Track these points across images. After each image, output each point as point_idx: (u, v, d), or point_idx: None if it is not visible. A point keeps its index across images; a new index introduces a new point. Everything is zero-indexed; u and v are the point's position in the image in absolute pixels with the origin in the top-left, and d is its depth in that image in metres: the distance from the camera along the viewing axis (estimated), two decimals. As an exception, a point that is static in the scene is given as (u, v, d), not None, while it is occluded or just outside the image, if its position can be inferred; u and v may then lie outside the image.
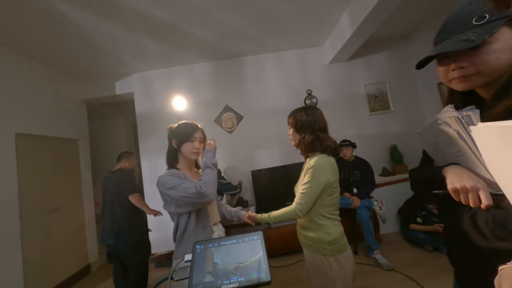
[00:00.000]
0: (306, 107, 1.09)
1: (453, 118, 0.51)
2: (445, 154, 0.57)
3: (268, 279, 0.33)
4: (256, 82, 3.14)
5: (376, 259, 2.12)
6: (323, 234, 0.96)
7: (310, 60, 3.16)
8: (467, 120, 0.49)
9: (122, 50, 2.54)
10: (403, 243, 2.47)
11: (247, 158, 3.04)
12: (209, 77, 3.13)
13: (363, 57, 3.15)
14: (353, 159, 2.53)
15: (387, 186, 2.77)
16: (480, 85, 0.52)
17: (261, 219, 1.09)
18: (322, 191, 0.96)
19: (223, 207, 1.24)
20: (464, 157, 0.52)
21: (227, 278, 0.33)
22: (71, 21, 1.96)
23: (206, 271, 0.34)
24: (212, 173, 0.99)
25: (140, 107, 3.11)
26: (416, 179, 0.70)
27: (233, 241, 0.39)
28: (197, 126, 1.11)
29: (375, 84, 3.15)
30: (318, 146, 1.00)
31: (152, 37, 2.37)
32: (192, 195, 0.92)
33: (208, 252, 0.37)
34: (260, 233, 0.40)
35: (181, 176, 0.99)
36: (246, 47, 2.91)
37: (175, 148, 1.07)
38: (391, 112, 3.13)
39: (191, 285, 0.33)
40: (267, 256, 0.36)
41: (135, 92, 3.11)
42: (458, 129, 0.51)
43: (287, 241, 2.41)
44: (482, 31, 0.45)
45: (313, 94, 3.11)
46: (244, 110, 3.10)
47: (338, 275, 0.93)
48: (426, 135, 0.62)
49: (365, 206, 2.32)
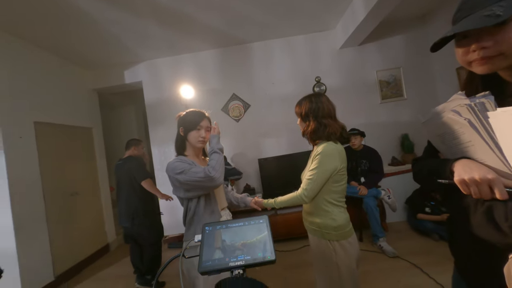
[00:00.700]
0: (311, 94, 1.08)
1: (464, 106, 0.47)
2: (453, 145, 0.54)
3: (273, 258, 0.35)
4: (263, 69, 3.07)
5: (381, 246, 2.15)
6: (329, 220, 0.98)
7: (319, 45, 3.02)
8: (481, 108, 0.45)
9: (129, 38, 2.53)
10: (409, 231, 2.47)
11: (254, 147, 3.05)
12: (216, 64, 3.09)
13: (376, 41, 2.98)
14: (361, 148, 2.48)
15: (396, 175, 2.72)
16: (503, 67, 0.47)
17: (268, 204, 1.12)
18: (329, 177, 0.96)
19: (230, 193, 1.27)
20: (475, 148, 0.49)
21: (234, 256, 0.35)
22: (80, 9, 1.95)
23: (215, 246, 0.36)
24: (219, 157, 1.01)
25: (149, 96, 3.14)
26: (420, 171, 0.68)
27: (240, 224, 0.41)
28: (204, 114, 1.12)
29: (388, 70, 3.00)
30: (321, 133, 0.99)
31: (158, 23, 2.34)
32: (201, 179, 0.94)
33: (216, 232, 0.39)
34: (266, 217, 0.41)
35: (189, 162, 1.02)
36: (253, 32, 2.82)
37: (182, 135, 1.09)
38: (404, 100, 2.99)
39: (201, 261, 0.35)
40: (272, 237, 0.37)
41: (144, 81, 3.14)
42: (469, 118, 0.47)
43: (293, 227, 2.47)
44: (510, 3, 0.39)
45: (322, 81, 3.01)
46: (251, 98, 3.07)
47: (342, 260, 0.95)
48: (432, 125, 0.58)
49: (372, 195, 2.31)
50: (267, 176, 2.82)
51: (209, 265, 0.34)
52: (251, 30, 2.75)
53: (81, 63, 2.96)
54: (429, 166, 0.63)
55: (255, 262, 0.34)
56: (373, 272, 1.84)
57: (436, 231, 2.20)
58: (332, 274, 0.97)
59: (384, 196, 2.35)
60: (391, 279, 1.75)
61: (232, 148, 3.06)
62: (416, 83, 2.98)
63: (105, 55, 2.84)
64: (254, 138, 3.06)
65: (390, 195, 2.36)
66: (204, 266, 0.34)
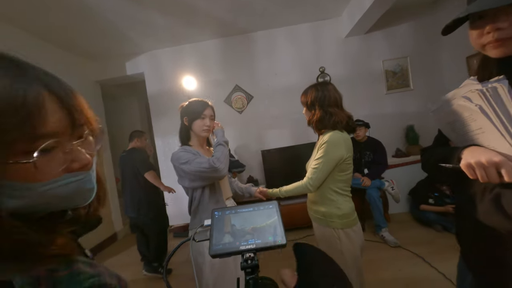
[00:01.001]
0: (317, 83, 1.06)
1: (476, 92, 0.46)
2: (463, 132, 0.52)
3: (284, 242, 0.34)
4: (266, 60, 3.00)
5: (383, 236, 2.17)
6: (334, 208, 0.98)
7: (324, 34, 2.93)
8: (493, 93, 0.43)
9: (130, 28, 2.47)
10: (411, 222, 2.48)
11: (257, 138, 3.04)
12: (218, 55, 3.03)
13: (383, 29, 2.87)
14: (365, 139, 2.46)
15: (400, 167, 2.70)
16: None
17: (272, 193, 1.12)
18: (335, 166, 0.96)
19: (234, 184, 1.28)
20: (486, 135, 0.47)
21: (245, 240, 0.35)
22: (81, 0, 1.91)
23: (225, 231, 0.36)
24: (224, 150, 1.01)
25: (151, 87, 3.11)
26: (429, 160, 0.66)
27: (249, 209, 0.41)
28: (207, 103, 1.10)
29: (395, 60, 2.91)
30: (327, 122, 0.98)
31: (159, 12, 2.27)
32: (206, 169, 0.94)
33: (226, 217, 0.39)
34: (275, 203, 0.41)
35: (194, 152, 1.02)
36: (256, 21, 2.73)
37: (187, 125, 1.08)
38: (410, 91, 2.92)
39: (212, 245, 0.35)
40: (282, 222, 0.37)
41: (146, 73, 3.10)
42: (481, 104, 0.45)
43: (296, 217, 2.50)
44: None
45: (326, 71, 2.94)
46: (254, 89, 3.02)
47: (347, 248, 0.96)
48: (442, 113, 0.57)
49: (376, 186, 2.31)
50: (270, 168, 2.82)
51: (219, 249, 0.34)
52: (253, 19, 2.67)
53: (83, 55, 2.92)
54: (438, 154, 0.62)
55: (266, 246, 0.34)
56: (375, 261, 1.87)
57: (439, 221, 2.21)
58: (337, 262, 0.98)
59: (387, 187, 2.35)
60: (392, 268, 1.77)
61: (235, 140, 3.05)
62: (423, 73, 2.90)
63: (106, 46, 2.80)
64: (257, 130, 3.04)
65: (393, 186, 2.35)
66: (215, 249, 0.34)
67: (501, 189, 0.46)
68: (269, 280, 0.35)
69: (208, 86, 3.04)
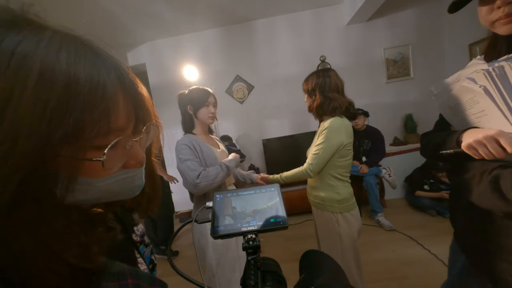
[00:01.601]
0: (319, 70, 1.02)
1: (481, 72, 0.42)
2: (465, 116, 0.50)
3: (285, 224, 0.33)
4: (267, 49, 2.90)
5: (378, 220, 2.19)
6: (333, 193, 0.97)
7: (325, 21, 2.80)
8: (499, 73, 0.40)
9: (130, 17, 2.37)
10: (406, 208, 2.50)
11: (258, 128, 3.01)
12: (219, 44, 2.92)
13: (385, 16, 2.73)
14: (364, 128, 2.42)
15: (397, 155, 2.68)
16: None
17: (273, 179, 1.11)
18: (335, 152, 0.94)
19: (236, 171, 1.27)
20: (489, 117, 0.45)
21: (246, 222, 0.34)
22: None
23: (226, 213, 0.35)
24: (219, 173, 0.95)
25: (153, 78, 3.04)
26: (427, 144, 0.64)
27: (250, 192, 0.39)
28: (209, 91, 1.07)
29: (396, 48, 2.80)
30: (326, 107, 0.95)
31: (162, 3, 2.17)
32: (188, 178, 0.92)
33: (227, 200, 0.38)
34: (277, 185, 0.39)
35: (193, 150, 0.98)
36: (256, 9, 2.60)
37: (191, 114, 1.06)
38: (411, 79, 2.83)
39: (213, 226, 0.34)
40: (284, 204, 0.36)
41: (147, 63, 3.02)
42: (485, 85, 0.42)
43: (296, 203, 2.52)
44: None
45: (327, 60, 2.84)
46: (255, 79, 2.95)
47: (345, 230, 0.97)
48: (444, 97, 0.54)
49: (373, 174, 2.30)
50: (271, 156, 2.82)
51: (221, 230, 0.33)
52: (254, 6, 2.54)
53: (84, 45, 2.83)
54: (437, 138, 0.60)
55: (267, 228, 0.33)
56: (370, 243, 1.90)
57: (433, 207, 2.22)
58: (334, 243, 0.99)
59: (385, 174, 2.34)
60: (387, 249, 1.81)
61: (237, 129, 3.03)
62: (424, 61, 2.79)
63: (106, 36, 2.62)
64: (258, 119, 3.00)
65: (390, 173, 2.35)
66: (217, 230, 0.33)
67: (501, 170, 0.44)
68: (271, 260, 0.34)
69: (209, 76, 2.96)
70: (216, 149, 1.08)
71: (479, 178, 0.48)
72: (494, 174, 0.45)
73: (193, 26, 2.78)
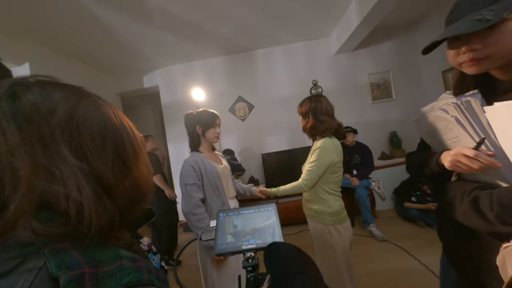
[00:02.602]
0: (311, 96, 1.07)
1: (451, 105, 0.45)
2: (442, 140, 0.52)
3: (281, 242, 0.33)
4: (266, 74, 3.02)
5: (371, 231, 2.13)
6: (325, 206, 0.97)
7: (316, 51, 2.96)
8: (467, 106, 0.43)
9: (148, 48, 2.51)
10: (396, 218, 2.44)
11: (258, 143, 3.04)
12: (224, 69, 3.05)
13: (368, 47, 2.89)
14: (354, 144, 2.45)
15: (385, 168, 2.68)
16: (491, 68, 0.44)
17: (271, 193, 1.11)
18: (326, 169, 0.95)
19: (237, 184, 1.27)
20: (462, 142, 0.47)
21: (246, 240, 0.34)
22: (106, 24, 1.94)
23: (227, 232, 0.35)
24: (200, 230, 0.94)
25: (165, 98, 3.14)
26: (413, 162, 0.66)
27: (250, 211, 0.40)
28: (217, 114, 1.11)
29: (379, 73, 2.92)
30: (318, 129, 0.98)
31: (173, 34, 2.31)
32: (185, 204, 0.95)
33: (229, 219, 0.39)
34: (274, 205, 0.40)
35: (197, 171, 0.99)
36: (257, 40, 2.77)
37: (199, 133, 1.08)
38: (393, 100, 2.92)
39: (216, 244, 0.34)
40: (280, 223, 0.36)
41: (160, 85, 3.13)
42: (456, 115, 0.45)
43: (292, 214, 2.47)
44: (500, 7, 0.35)
45: (318, 84, 2.95)
46: (255, 99, 3.04)
47: (337, 242, 0.95)
48: (422, 123, 0.56)
49: (364, 186, 2.28)
50: (269, 169, 2.81)
51: (223, 248, 0.33)
52: (255, 39, 2.70)
53: (106, 70, 2.96)
54: (419, 159, 0.61)
55: (265, 246, 0.33)
56: (364, 254, 1.83)
57: (422, 218, 2.17)
58: (328, 254, 0.96)
59: (374, 186, 2.32)
60: (380, 260, 1.74)
61: (238, 144, 3.05)
62: (404, 85, 2.91)
63: (127, 63, 2.84)
64: (257, 135, 3.04)
65: (380, 186, 2.33)
66: (220, 248, 0.33)
67: (479, 192, 0.44)
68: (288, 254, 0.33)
69: (214, 97, 3.06)
70: (219, 165, 1.09)
71: (460, 198, 0.48)
72: (473, 195, 0.45)
73: (202, 54, 2.93)
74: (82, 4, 1.71)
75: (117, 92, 3.21)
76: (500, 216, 0.38)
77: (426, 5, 2.46)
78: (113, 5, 1.78)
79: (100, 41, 2.23)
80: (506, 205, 0.37)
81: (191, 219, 0.95)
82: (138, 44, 2.40)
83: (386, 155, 2.81)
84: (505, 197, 0.38)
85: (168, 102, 3.13)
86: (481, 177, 0.46)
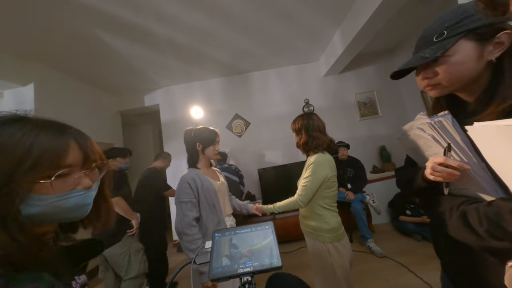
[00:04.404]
0: (304, 114, 1.10)
1: (426, 124, 0.48)
2: (425, 156, 0.53)
3: (279, 264, 0.31)
4: (261, 94, 3.14)
5: (370, 247, 2.04)
6: (322, 223, 0.93)
7: (307, 74, 3.14)
8: (440, 126, 0.46)
9: (150, 70, 2.60)
10: (393, 233, 2.36)
11: (254, 158, 3.02)
12: (222, 90, 3.16)
13: (353, 70, 3.10)
14: (346, 158, 2.47)
15: (378, 182, 2.67)
16: (447, 93, 0.49)
17: (267, 209, 1.07)
18: (321, 184, 0.94)
19: (234, 201, 1.22)
20: None
21: (243, 263, 0.32)
22: (110, 47, 2.03)
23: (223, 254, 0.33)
24: (192, 253, 0.88)
25: (165, 116, 3.16)
26: (401, 178, 0.67)
27: (247, 230, 0.38)
28: (217, 132, 1.10)
29: (365, 93, 3.09)
30: (310, 144, 0.99)
31: (174, 58, 2.42)
32: (179, 222, 0.92)
33: (225, 239, 0.36)
34: (271, 223, 0.38)
35: (194, 188, 0.96)
36: (253, 64, 2.93)
37: (199, 150, 1.06)
38: (379, 117, 3.04)
39: (211, 268, 0.31)
40: (277, 243, 0.34)
41: (161, 104, 3.18)
42: (432, 134, 0.47)
43: (290, 230, 2.36)
44: (437, 47, 0.43)
45: (310, 102, 3.07)
46: (251, 117, 3.10)
47: (337, 261, 0.89)
48: (405, 140, 0.58)
49: (359, 200, 2.24)
50: (266, 184, 2.75)
51: (219, 272, 0.30)
52: (251, 62, 2.86)
53: (108, 90, 3.01)
54: (407, 174, 0.62)
55: (262, 269, 0.31)
56: (364, 272, 1.73)
57: (418, 232, 2.11)
58: (328, 274, 0.90)
59: (369, 200, 2.28)
60: (380, 279, 1.63)
61: (235, 160, 3.02)
62: (388, 103, 3.06)
63: (129, 83, 2.91)
64: (254, 151, 3.04)
65: (374, 199, 2.29)
66: (215, 273, 0.30)
67: (466, 206, 0.44)
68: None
69: (212, 115, 3.11)
70: (216, 181, 1.06)
71: (449, 213, 0.47)
72: (461, 210, 0.44)
73: (202, 76, 3.05)
74: (93, 33, 1.80)
75: (118, 110, 3.23)
76: (490, 231, 0.37)
77: (401, 35, 2.73)
78: (124, 35, 1.88)
79: (105, 63, 2.31)
80: (493, 219, 0.36)
81: (183, 239, 0.90)
82: (141, 66, 2.49)
83: (377, 169, 2.83)
84: (490, 212, 0.37)
85: (168, 120, 3.15)
86: (466, 191, 0.46)
